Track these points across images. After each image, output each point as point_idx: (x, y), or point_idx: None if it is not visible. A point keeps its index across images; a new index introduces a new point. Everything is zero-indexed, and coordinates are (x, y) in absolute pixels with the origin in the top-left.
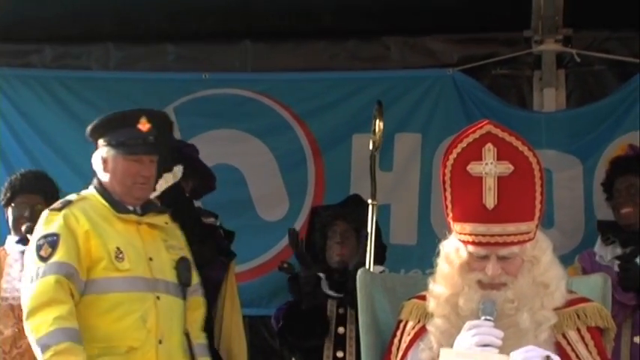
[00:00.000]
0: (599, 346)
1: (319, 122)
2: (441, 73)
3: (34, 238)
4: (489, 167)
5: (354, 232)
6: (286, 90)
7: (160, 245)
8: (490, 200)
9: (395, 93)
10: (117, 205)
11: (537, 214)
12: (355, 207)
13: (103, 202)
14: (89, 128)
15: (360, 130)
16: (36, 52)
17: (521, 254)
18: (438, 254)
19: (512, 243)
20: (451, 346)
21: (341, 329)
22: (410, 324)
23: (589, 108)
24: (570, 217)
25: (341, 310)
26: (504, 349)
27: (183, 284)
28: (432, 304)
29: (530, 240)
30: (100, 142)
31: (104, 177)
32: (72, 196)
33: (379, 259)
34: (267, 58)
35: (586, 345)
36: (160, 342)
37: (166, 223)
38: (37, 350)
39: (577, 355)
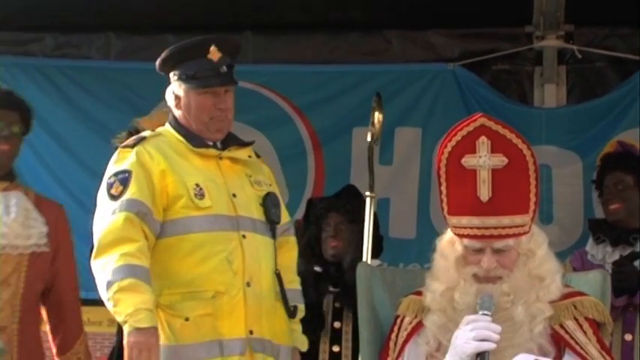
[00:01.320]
0: (597, 335)
1: (319, 115)
2: (442, 67)
3: (105, 177)
4: (483, 160)
5: (348, 225)
6: (287, 82)
7: (244, 180)
8: (484, 193)
9: (395, 87)
10: (194, 139)
11: (532, 206)
12: (349, 198)
13: (179, 137)
14: (158, 62)
15: (360, 124)
16: (37, 40)
17: (517, 247)
18: (434, 249)
19: (508, 236)
20: (448, 340)
21: (337, 324)
22: (407, 319)
23: (589, 104)
24: (569, 213)
25: (337, 304)
26: (500, 343)
27: (272, 222)
28: (428, 299)
29: (525, 233)
30: (171, 76)
31: (178, 113)
32: (145, 133)
33: (376, 252)
34: (268, 50)
35: (584, 332)
36: (248, 284)
37: (250, 156)
38: (102, 291)
39: (576, 342)
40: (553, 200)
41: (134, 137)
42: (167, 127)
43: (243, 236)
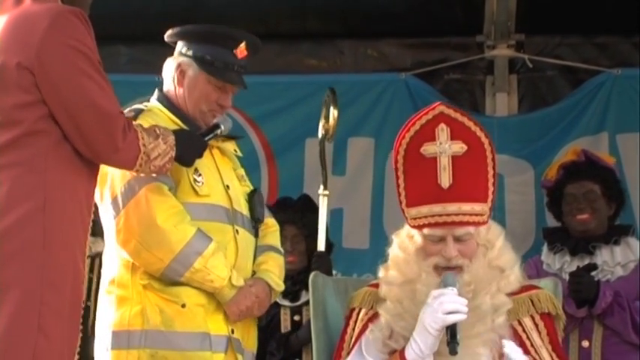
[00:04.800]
0: (550, 330)
1: (272, 126)
2: (394, 77)
3: None
4: (443, 146)
5: (303, 238)
6: (240, 93)
7: (232, 174)
8: (445, 179)
9: (348, 97)
10: (188, 122)
11: (490, 196)
12: (305, 211)
13: (173, 117)
14: (179, 29)
15: (313, 134)
16: None
17: (476, 237)
18: (390, 243)
19: (468, 223)
20: (402, 328)
21: None
22: (362, 311)
23: (540, 113)
24: (521, 221)
25: (296, 318)
26: (464, 331)
27: (256, 220)
28: (384, 290)
29: (484, 223)
30: (183, 50)
31: (178, 90)
32: (139, 105)
33: None
34: None
35: (539, 333)
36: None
37: (235, 150)
38: (177, 267)
39: (531, 344)
40: (505, 209)
41: (132, 108)
42: (156, 105)
43: (237, 231)
